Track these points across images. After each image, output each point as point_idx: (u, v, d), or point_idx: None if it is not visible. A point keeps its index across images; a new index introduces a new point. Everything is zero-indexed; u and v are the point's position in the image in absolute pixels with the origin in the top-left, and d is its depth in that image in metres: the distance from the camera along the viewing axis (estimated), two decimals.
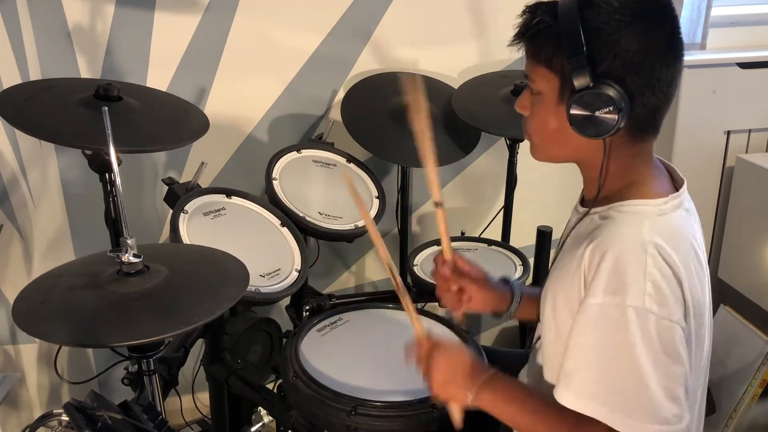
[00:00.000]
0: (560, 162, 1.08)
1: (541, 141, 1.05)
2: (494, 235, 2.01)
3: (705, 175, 2.21)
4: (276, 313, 2.00)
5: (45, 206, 1.91)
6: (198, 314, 1.03)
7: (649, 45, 0.93)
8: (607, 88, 0.93)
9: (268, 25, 1.90)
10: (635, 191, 1.01)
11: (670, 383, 0.91)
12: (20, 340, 1.99)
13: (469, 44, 2.05)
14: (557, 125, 0.99)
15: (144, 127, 1.42)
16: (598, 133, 0.95)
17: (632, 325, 0.90)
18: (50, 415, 0.97)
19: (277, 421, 1.44)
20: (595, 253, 0.94)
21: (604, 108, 0.93)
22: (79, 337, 0.99)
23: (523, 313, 1.30)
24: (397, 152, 1.83)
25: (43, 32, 1.76)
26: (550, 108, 0.99)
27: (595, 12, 0.93)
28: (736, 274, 2.16)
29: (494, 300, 1.28)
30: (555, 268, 1.08)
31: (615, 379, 0.92)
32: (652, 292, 0.90)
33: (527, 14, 0.99)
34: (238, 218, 1.56)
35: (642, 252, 0.92)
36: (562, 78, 0.96)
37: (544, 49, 0.97)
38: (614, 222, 0.98)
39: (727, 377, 2.00)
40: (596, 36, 0.92)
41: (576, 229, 1.06)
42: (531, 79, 1.01)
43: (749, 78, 2.11)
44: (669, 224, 0.98)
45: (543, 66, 0.98)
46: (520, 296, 1.30)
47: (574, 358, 0.96)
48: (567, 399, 0.95)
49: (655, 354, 0.90)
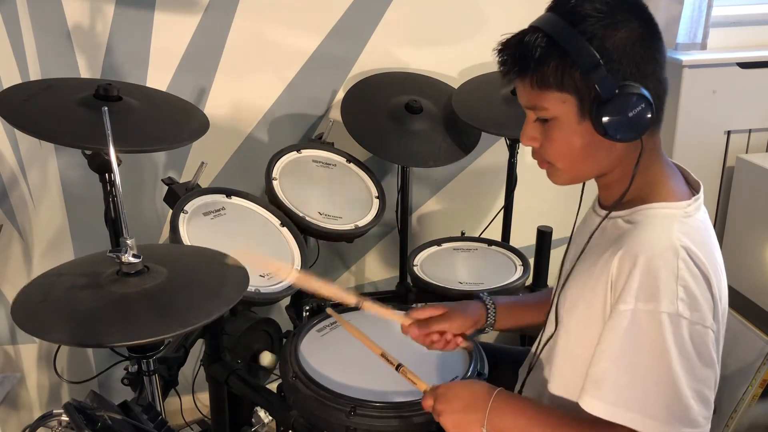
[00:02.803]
0: (585, 180, 1.07)
1: (568, 163, 1.02)
2: (494, 235, 2.01)
3: (705, 175, 2.16)
4: (276, 313, 2.00)
5: (45, 206, 1.91)
6: (198, 315, 1.03)
7: (643, 34, 0.94)
8: (631, 87, 0.93)
9: (268, 25, 1.90)
10: (657, 193, 1.00)
11: (701, 387, 0.91)
12: (20, 340, 1.99)
13: (469, 44, 2.05)
14: (583, 142, 0.98)
15: (144, 127, 1.42)
16: (637, 134, 0.95)
17: (666, 331, 0.90)
18: (50, 415, 0.96)
19: (277, 421, 1.44)
20: (625, 259, 0.94)
21: (637, 107, 0.93)
22: (78, 337, 0.99)
23: (505, 321, 1.30)
24: (397, 152, 1.83)
25: (43, 32, 1.76)
26: (572, 128, 0.98)
27: (588, 23, 0.93)
28: (736, 275, 2.15)
29: (471, 320, 1.26)
30: (577, 272, 1.06)
31: (648, 385, 0.91)
32: (684, 297, 0.90)
33: (514, 49, 0.97)
34: (238, 218, 1.56)
35: (674, 256, 0.91)
36: (578, 94, 0.95)
37: (552, 74, 0.95)
38: (642, 227, 0.97)
39: (727, 377, 2.00)
40: (601, 43, 0.93)
41: (599, 233, 1.05)
42: (539, 108, 0.99)
43: (749, 78, 2.11)
44: (695, 227, 0.98)
45: (554, 90, 0.96)
46: (494, 305, 1.29)
47: (603, 365, 0.95)
48: (596, 407, 0.94)
49: (689, 359, 0.90)
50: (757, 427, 1.93)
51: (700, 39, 2.07)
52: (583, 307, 1.01)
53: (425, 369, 1.28)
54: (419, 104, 1.85)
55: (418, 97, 1.87)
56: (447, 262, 1.83)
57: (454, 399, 1.08)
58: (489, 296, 1.31)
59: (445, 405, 1.08)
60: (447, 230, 2.05)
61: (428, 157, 1.84)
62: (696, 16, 2.05)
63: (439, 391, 1.10)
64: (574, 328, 1.03)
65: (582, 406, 0.96)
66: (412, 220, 2.20)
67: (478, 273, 1.77)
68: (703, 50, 2.09)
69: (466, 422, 1.05)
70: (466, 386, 1.11)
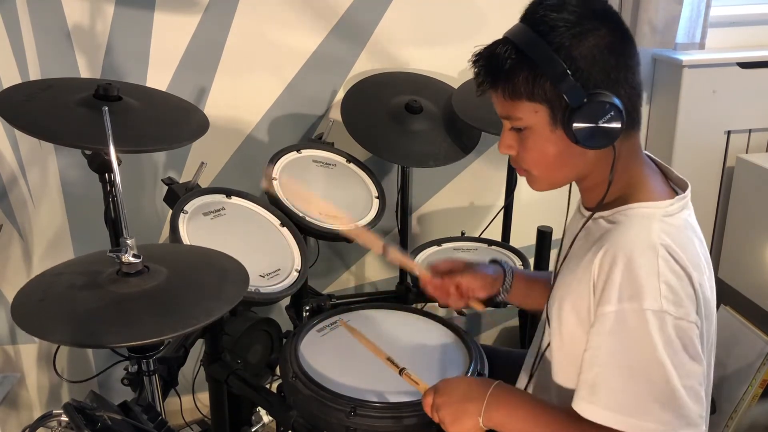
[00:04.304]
0: (563, 185, 1.08)
1: (543, 171, 1.04)
2: (494, 235, 2.01)
3: (705, 175, 2.21)
4: (276, 313, 2.00)
5: (45, 206, 1.91)
6: (198, 315, 1.03)
7: (612, 42, 0.95)
8: (601, 95, 0.94)
9: (268, 25, 1.90)
10: (638, 193, 1.01)
11: (692, 383, 0.91)
12: (20, 340, 1.99)
13: (469, 44, 2.03)
14: (557, 149, 1.00)
15: (144, 127, 1.42)
16: (609, 140, 0.96)
17: (653, 328, 0.90)
18: (50, 415, 0.97)
19: (277, 422, 1.44)
20: (605, 258, 0.94)
21: (606, 115, 0.94)
22: (78, 337, 0.99)
23: (518, 293, 1.31)
24: (397, 152, 1.83)
25: (43, 32, 1.76)
26: (545, 136, 0.99)
27: (556, 33, 0.94)
28: (736, 274, 2.15)
29: (490, 281, 1.29)
30: (561, 273, 1.07)
31: (643, 385, 0.91)
32: (667, 294, 0.91)
33: (486, 60, 1.00)
34: (238, 218, 1.56)
35: (653, 254, 0.92)
36: (549, 104, 0.97)
37: (523, 85, 0.97)
38: (623, 226, 0.98)
39: (727, 377, 2.00)
40: (569, 52, 0.94)
41: (582, 234, 1.06)
42: (513, 118, 1.01)
43: (749, 78, 2.11)
44: (676, 225, 0.98)
45: (524, 101, 0.98)
46: (512, 273, 1.31)
47: (594, 370, 0.95)
48: (591, 412, 0.94)
49: (677, 355, 0.90)
50: (757, 427, 1.93)
51: (698, 39, 2.07)
52: (569, 308, 1.02)
53: (425, 369, 1.28)
54: (419, 104, 1.85)
55: (418, 97, 1.87)
56: None
57: (452, 391, 1.08)
58: (509, 264, 1.33)
59: (443, 398, 1.08)
60: (447, 230, 2.05)
61: (428, 157, 1.84)
62: (695, 16, 2.05)
63: (438, 385, 1.11)
64: (564, 327, 1.04)
65: (578, 411, 0.96)
66: (412, 220, 2.20)
67: None
68: (701, 50, 2.09)
69: (462, 413, 1.05)
70: (464, 379, 1.13)
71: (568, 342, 1.04)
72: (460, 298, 1.27)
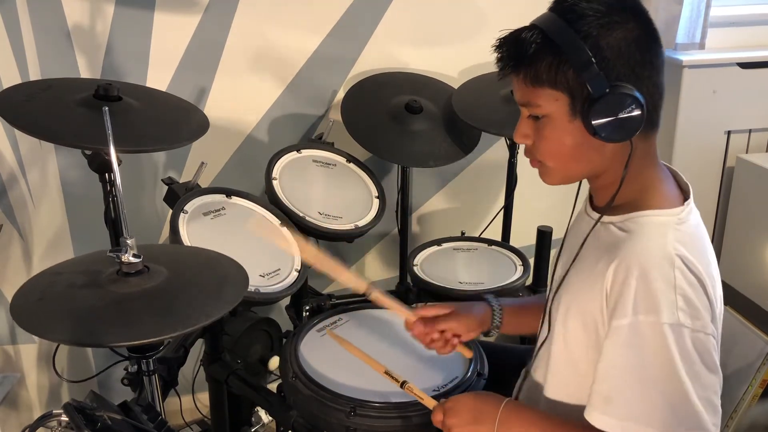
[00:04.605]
0: (576, 180, 1.07)
1: (558, 162, 1.02)
2: (494, 235, 2.01)
3: (705, 175, 2.21)
4: (276, 313, 2.00)
5: (45, 206, 1.91)
6: (198, 315, 1.03)
7: (640, 37, 0.94)
8: (623, 87, 0.93)
9: (268, 25, 1.90)
10: (650, 199, 1.00)
11: (708, 393, 0.91)
12: (20, 340, 1.99)
13: (469, 44, 2.05)
14: (574, 141, 0.98)
15: (144, 127, 1.42)
16: (626, 135, 0.95)
17: (670, 342, 0.89)
18: (50, 415, 0.97)
19: (277, 422, 1.44)
20: (620, 270, 0.93)
21: (627, 108, 0.93)
22: (77, 336, 0.99)
23: (510, 325, 1.29)
24: (397, 152, 1.83)
25: (43, 32, 1.76)
26: (563, 126, 0.98)
27: (584, 21, 0.93)
28: (736, 274, 2.15)
29: (476, 321, 1.26)
30: (570, 279, 1.06)
31: (658, 398, 0.91)
32: (684, 306, 0.90)
33: (511, 44, 0.98)
34: (238, 218, 1.56)
35: (669, 266, 0.91)
36: (570, 92, 0.95)
37: (545, 71, 0.95)
38: (637, 236, 0.96)
39: (727, 377, 1.97)
40: (596, 41, 0.93)
41: (592, 238, 1.04)
42: (533, 105, 0.99)
43: (749, 78, 2.11)
44: (690, 233, 0.97)
45: (546, 87, 0.96)
46: (500, 308, 1.29)
47: (610, 382, 0.94)
48: (604, 422, 0.94)
49: (695, 367, 0.90)
50: (757, 427, 1.93)
51: (698, 39, 2.07)
52: (577, 312, 1.01)
53: (425, 370, 1.28)
54: (419, 104, 1.85)
55: (418, 97, 1.87)
56: (447, 262, 1.83)
57: (463, 411, 1.08)
58: (495, 298, 1.31)
59: (454, 419, 1.07)
60: (447, 230, 2.05)
61: (428, 157, 1.84)
62: (695, 16, 2.05)
63: (447, 405, 1.10)
64: (570, 332, 1.03)
65: (591, 423, 0.95)
66: (412, 220, 2.20)
67: (478, 273, 1.77)
68: (701, 50, 2.09)
69: None
70: (474, 398, 1.11)
71: (572, 346, 1.04)
72: (445, 344, 1.25)
